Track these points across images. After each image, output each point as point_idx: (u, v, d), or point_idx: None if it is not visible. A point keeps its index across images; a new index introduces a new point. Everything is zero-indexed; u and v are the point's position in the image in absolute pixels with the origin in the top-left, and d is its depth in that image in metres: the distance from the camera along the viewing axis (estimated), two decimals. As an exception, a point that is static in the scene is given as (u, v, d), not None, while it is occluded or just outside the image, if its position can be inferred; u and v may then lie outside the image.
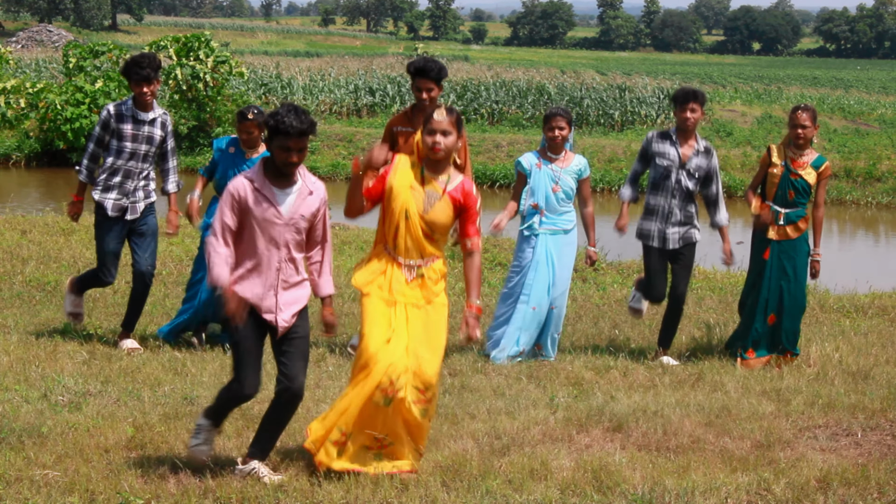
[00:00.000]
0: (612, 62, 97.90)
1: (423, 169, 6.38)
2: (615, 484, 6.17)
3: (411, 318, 6.30)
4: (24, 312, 10.81)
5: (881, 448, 7.14)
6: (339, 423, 6.20)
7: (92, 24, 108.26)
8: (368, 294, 6.34)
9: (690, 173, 9.70)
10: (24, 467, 6.13)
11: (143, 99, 9.19)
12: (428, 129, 6.33)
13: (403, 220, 6.29)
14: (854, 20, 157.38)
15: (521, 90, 44.79)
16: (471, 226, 6.48)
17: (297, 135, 5.88)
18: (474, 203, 6.47)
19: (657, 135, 9.88)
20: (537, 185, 9.76)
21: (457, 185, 6.42)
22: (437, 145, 6.30)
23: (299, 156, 5.97)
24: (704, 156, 9.75)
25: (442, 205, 6.35)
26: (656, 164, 9.76)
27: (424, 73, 9.11)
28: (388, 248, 6.37)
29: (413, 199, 6.31)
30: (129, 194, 9.34)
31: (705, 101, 9.79)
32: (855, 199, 29.45)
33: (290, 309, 6.14)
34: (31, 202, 24.48)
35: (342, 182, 29.68)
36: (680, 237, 9.77)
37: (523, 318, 9.76)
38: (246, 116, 9.38)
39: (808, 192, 9.66)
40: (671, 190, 9.72)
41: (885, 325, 11.98)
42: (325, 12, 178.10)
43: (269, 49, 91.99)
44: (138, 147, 9.27)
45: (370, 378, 6.14)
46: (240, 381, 6.08)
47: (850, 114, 44.49)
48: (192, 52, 30.83)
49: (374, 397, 6.13)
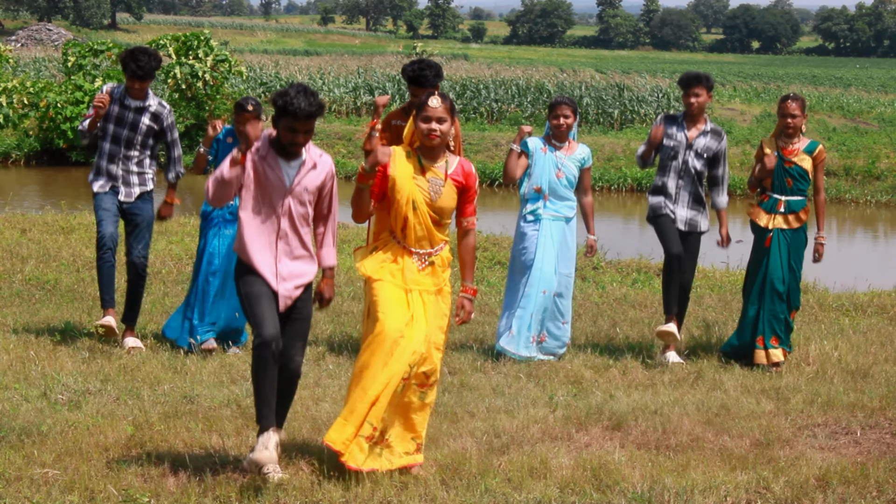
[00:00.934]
0: (612, 61, 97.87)
1: (419, 158, 6.37)
2: (614, 482, 6.18)
3: (427, 305, 6.29)
4: (23, 311, 10.81)
5: (880, 446, 7.15)
6: (371, 417, 6.09)
7: (91, 23, 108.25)
8: (381, 279, 6.29)
9: (698, 153, 9.74)
10: (24, 466, 6.14)
11: (132, 91, 9.30)
12: (422, 116, 6.30)
13: (411, 210, 6.28)
14: (853, 19, 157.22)
15: (521, 89, 44.73)
16: (469, 205, 6.49)
17: (305, 117, 5.91)
18: (475, 182, 6.49)
19: (665, 117, 9.93)
20: (541, 169, 9.77)
21: (456, 168, 6.42)
22: (433, 132, 6.28)
23: (305, 137, 6.03)
24: (713, 136, 9.79)
25: (447, 189, 6.35)
26: (664, 144, 9.80)
27: (418, 82, 8.96)
28: (397, 238, 6.35)
29: (418, 190, 6.31)
30: (117, 179, 9.38)
31: (712, 85, 9.83)
32: (854, 197, 29.45)
33: (293, 280, 6.16)
34: (30, 201, 24.48)
35: (341, 180, 29.64)
36: (687, 221, 9.79)
37: (534, 302, 9.71)
38: (245, 108, 9.38)
39: (806, 179, 9.67)
40: (678, 170, 9.76)
41: (884, 324, 11.98)
42: (324, 11, 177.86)
43: (269, 48, 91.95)
44: (120, 131, 9.33)
45: (399, 362, 6.06)
46: (258, 326, 5.97)
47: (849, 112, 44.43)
48: (192, 50, 30.81)
49: (401, 387, 6.10)
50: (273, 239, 6.13)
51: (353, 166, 30.68)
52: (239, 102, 9.39)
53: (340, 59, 68.13)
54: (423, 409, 6.32)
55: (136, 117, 9.37)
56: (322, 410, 7.52)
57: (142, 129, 9.39)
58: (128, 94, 9.34)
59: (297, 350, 6.22)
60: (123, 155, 9.39)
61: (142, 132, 9.39)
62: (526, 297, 9.74)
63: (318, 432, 6.93)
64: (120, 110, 9.33)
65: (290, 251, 6.17)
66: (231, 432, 6.91)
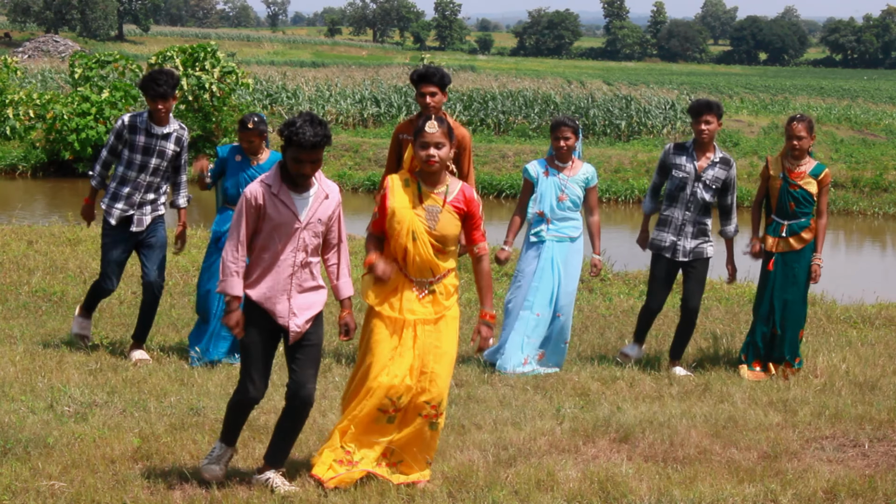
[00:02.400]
0: (619, 72, 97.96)
1: (419, 185, 6.32)
2: (622, 495, 6.17)
3: (420, 337, 6.26)
4: (30, 323, 10.82)
5: (888, 459, 7.13)
6: (343, 442, 6.25)
7: (98, 35, 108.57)
8: (378, 314, 6.29)
9: (707, 185, 9.70)
10: (31, 478, 6.13)
11: (157, 114, 9.26)
12: (420, 142, 6.25)
13: (411, 241, 6.24)
14: (860, 30, 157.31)
15: (528, 100, 44.80)
16: (476, 232, 6.44)
17: (311, 148, 5.87)
18: (477, 208, 6.42)
19: (674, 147, 9.91)
20: (543, 193, 9.77)
21: (457, 195, 6.36)
22: (431, 158, 6.22)
23: (313, 167, 5.96)
24: (722, 166, 9.77)
25: (447, 216, 6.30)
26: (672, 175, 9.77)
27: (426, 77, 9.07)
28: (399, 265, 6.32)
29: (417, 219, 6.26)
30: (135, 206, 9.37)
31: (722, 112, 9.79)
32: (862, 209, 29.42)
33: (305, 314, 6.13)
34: (37, 212, 24.52)
35: (349, 193, 29.73)
36: (691, 250, 9.76)
37: (526, 324, 9.75)
38: (246, 126, 9.40)
39: (809, 202, 9.65)
40: (686, 202, 9.73)
41: (892, 336, 11.95)
42: (331, 22, 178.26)
43: (275, 59, 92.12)
44: (148, 160, 9.31)
45: (370, 400, 6.19)
46: (244, 383, 6.10)
47: (856, 124, 44.46)
48: (199, 62, 30.87)
49: (375, 417, 6.20)
50: (288, 274, 6.08)
51: (360, 178, 30.74)
52: (241, 119, 9.39)
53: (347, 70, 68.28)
54: (437, 436, 6.38)
55: (164, 144, 9.36)
56: (329, 422, 7.50)
57: (168, 156, 9.41)
58: (152, 120, 9.31)
59: (309, 377, 6.15)
60: (147, 183, 9.39)
61: (168, 158, 9.41)
62: (521, 320, 9.77)
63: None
64: (146, 139, 9.30)
65: (301, 285, 6.14)
66: (237, 444, 6.89)
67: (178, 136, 9.45)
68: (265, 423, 7.28)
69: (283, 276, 6.05)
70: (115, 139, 9.33)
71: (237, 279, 6.01)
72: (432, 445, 6.37)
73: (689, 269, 9.81)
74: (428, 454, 6.36)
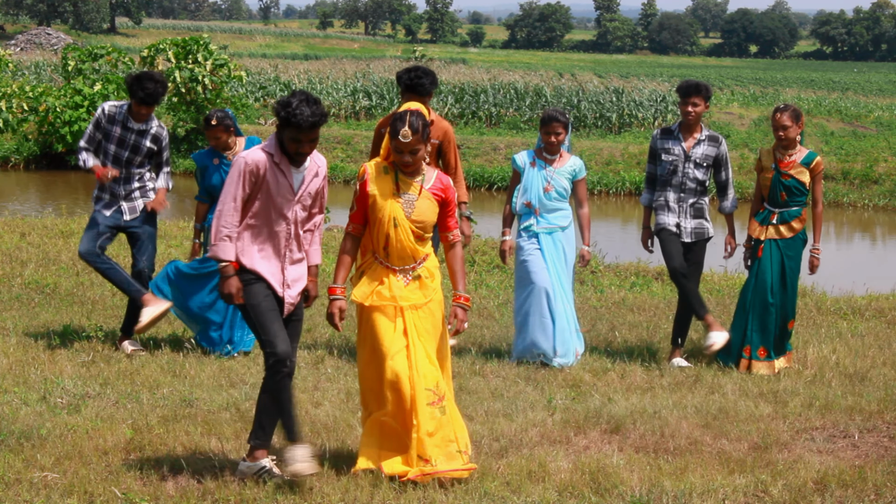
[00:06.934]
0: (610, 65, 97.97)
1: (396, 174, 6.35)
2: (613, 486, 6.20)
3: (417, 323, 6.30)
4: (23, 315, 10.82)
5: (878, 450, 7.16)
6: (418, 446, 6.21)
7: (91, 27, 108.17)
8: (372, 307, 6.28)
9: (697, 163, 9.75)
10: (24, 469, 6.15)
11: (138, 113, 9.31)
12: (395, 146, 6.24)
13: (392, 227, 6.27)
14: (851, 23, 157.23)
15: (519, 93, 44.85)
16: (450, 219, 6.50)
17: (309, 127, 5.91)
18: (453, 196, 6.49)
19: (661, 132, 9.97)
20: (529, 183, 9.78)
21: (434, 182, 6.42)
22: (407, 165, 6.27)
23: (310, 146, 6.03)
24: (710, 143, 9.79)
25: (426, 203, 6.34)
26: (662, 160, 9.82)
27: (416, 90, 9.02)
28: (379, 258, 6.34)
29: (397, 205, 6.28)
30: (119, 196, 9.38)
31: (710, 94, 9.83)
32: (852, 201, 29.50)
33: (296, 286, 6.24)
34: (30, 204, 24.50)
35: (340, 184, 29.74)
36: (692, 230, 9.80)
37: (573, 315, 9.90)
38: (210, 123, 9.40)
39: (802, 192, 9.65)
40: (680, 184, 9.78)
41: (882, 328, 11.99)
42: (323, 15, 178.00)
43: (268, 52, 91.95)
44: (121, 152, 9.34)
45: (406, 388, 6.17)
46: (271, 342, 6.02)
47: (846, 116, 44.50)
48: (191, 54, 30.84)
49: (422, 413, 6.16)
50: (282, 246, 6.14)
51: (352, 170, 30.73)
52: (205, 118, 9.40)
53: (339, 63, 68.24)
54: (453, 419, 6.32)
55: (139, 139, 9.38)
56: (321, 413, 7.53)
57: (143, 151, 9.42)
58: (130, 116, 9.34)
59: (294, 350, 6.26)
60: (125, 175, 9.40)
61: (143, 153, 9.42)
62: (567, 314, 9.78)
63: (317, 435, 6.96)
64: (122, 132, 9.33)
65: (292, 256, 6.19)
66: (230, 436, 6.92)
67: (157, 134, 9.46)
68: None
69: (278, 247, 6.13)
70: (93, 128, 9.36)
71: (230, 244, 6.02)
72: (459, 429, 6.31)
73: (689, 250, 9.81)
74: (454, 442, 6.24)
